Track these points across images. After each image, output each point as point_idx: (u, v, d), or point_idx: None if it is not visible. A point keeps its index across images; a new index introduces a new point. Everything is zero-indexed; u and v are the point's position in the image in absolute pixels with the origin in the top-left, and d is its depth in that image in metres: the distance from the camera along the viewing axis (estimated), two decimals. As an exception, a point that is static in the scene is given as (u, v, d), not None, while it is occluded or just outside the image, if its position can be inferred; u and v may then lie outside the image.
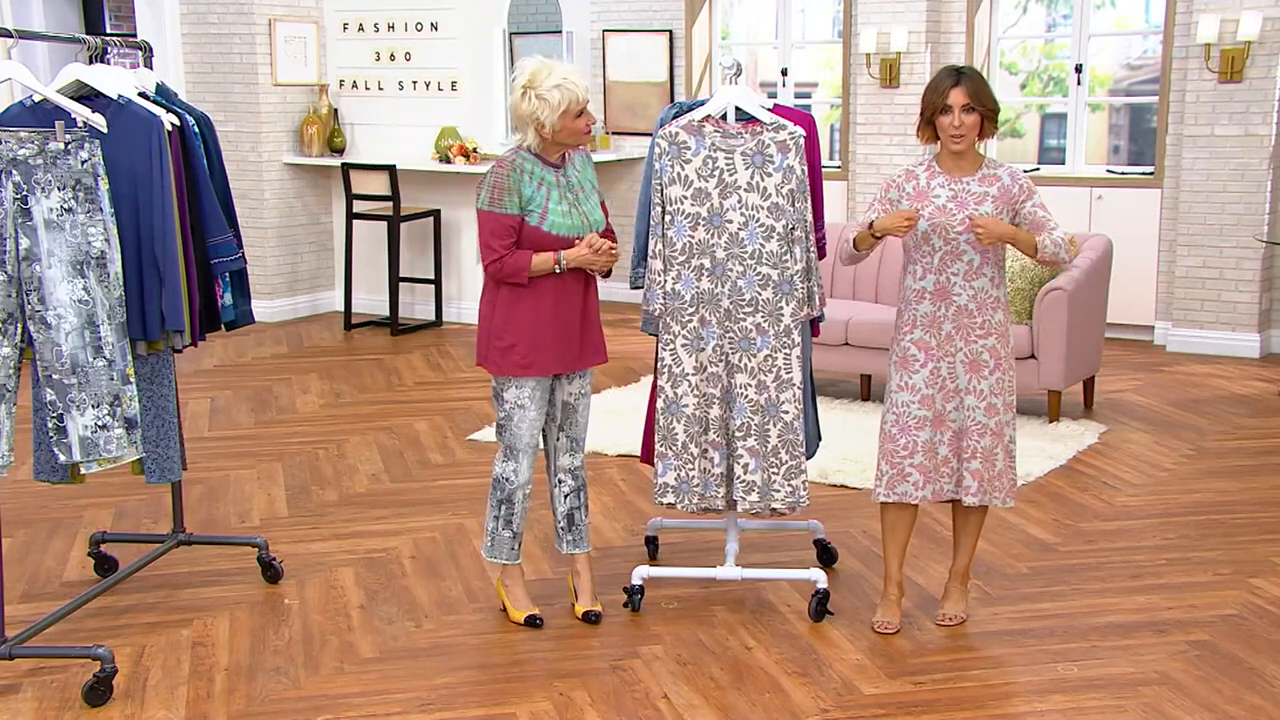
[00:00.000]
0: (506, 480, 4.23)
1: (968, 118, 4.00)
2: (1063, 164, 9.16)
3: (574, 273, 4.15)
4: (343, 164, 9.12)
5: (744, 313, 4.20)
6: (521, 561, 4.39)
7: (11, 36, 4.09)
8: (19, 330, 3.71)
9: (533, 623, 4.25)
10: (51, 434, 3.77)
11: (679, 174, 4.19)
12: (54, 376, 3.72)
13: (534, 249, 4.06)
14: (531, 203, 4.06)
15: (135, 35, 9.66)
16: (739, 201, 4.17)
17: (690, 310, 4.22)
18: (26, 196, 3.66)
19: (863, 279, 7.35)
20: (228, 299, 4.50)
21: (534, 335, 4.10)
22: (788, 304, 4.19)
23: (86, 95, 4.11)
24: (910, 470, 4.15)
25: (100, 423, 3.77)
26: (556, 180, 4.11)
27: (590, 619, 4.30)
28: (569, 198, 4.12)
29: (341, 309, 9.59)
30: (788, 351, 4.21)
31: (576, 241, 4.10)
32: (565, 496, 4.36)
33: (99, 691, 3.75)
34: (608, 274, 4.23)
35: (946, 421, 4.15)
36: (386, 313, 9.36)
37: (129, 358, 3.86)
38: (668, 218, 4.21)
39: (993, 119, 4.03)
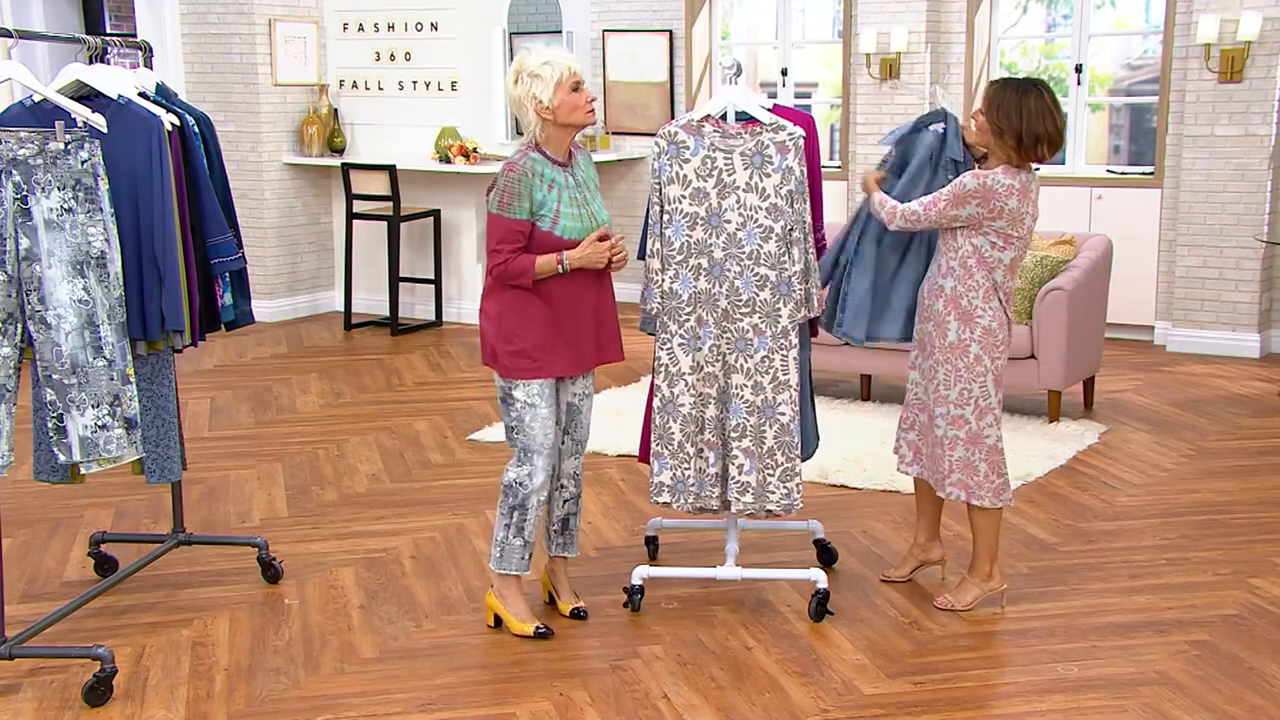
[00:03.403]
0: (520, 485, 4.11)
1: (979, 117, 4.24)
2: (1063, 164, 9.16)
3: (585, 272, 4.08)
4: (343, 164, 9.13)
5: (741, 313, 4.20)
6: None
7: (11, 36, 4.09)
8: (19, 330, 3.71)
9: (542, 634, 4.16)
10: (51, 434, 3.77)
11: (677, 173, 4.19)
12: (54, 376, 3.73)
13: (544, 253, 4.00)
14: (543, 207, 4.00)
15: (135, 35, 9.66)
16: (737, 202, 4.17)
17: (687, 310, 4.22)
18: (26, 196, 3.66)
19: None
20: (228, 299, 4.50)
21: (545, 339, 4.04)
22: (785, 305, 4.19)
23: (86, 95, 4.11)
24: (899, 437, 4.54)
25: (100, 423, 3.77)
26: (566, 181, 4.06)
27: (581, 614, 4.31)
28: (578, 199, 4.07)
29: (341, 309, 9.59)
30: (785, 353, 4.20)
31: None
32: (565, 502, 4.33)
33: (99, 691, 3.76)
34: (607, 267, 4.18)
35: (910, 388, 4.49)
36: (386, 313, 9.36)
37: (129, 358, 3.86)
38: (666, 217, 4.22)
39: (999, 133, 4.15)
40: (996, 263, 4.19)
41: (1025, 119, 4.09)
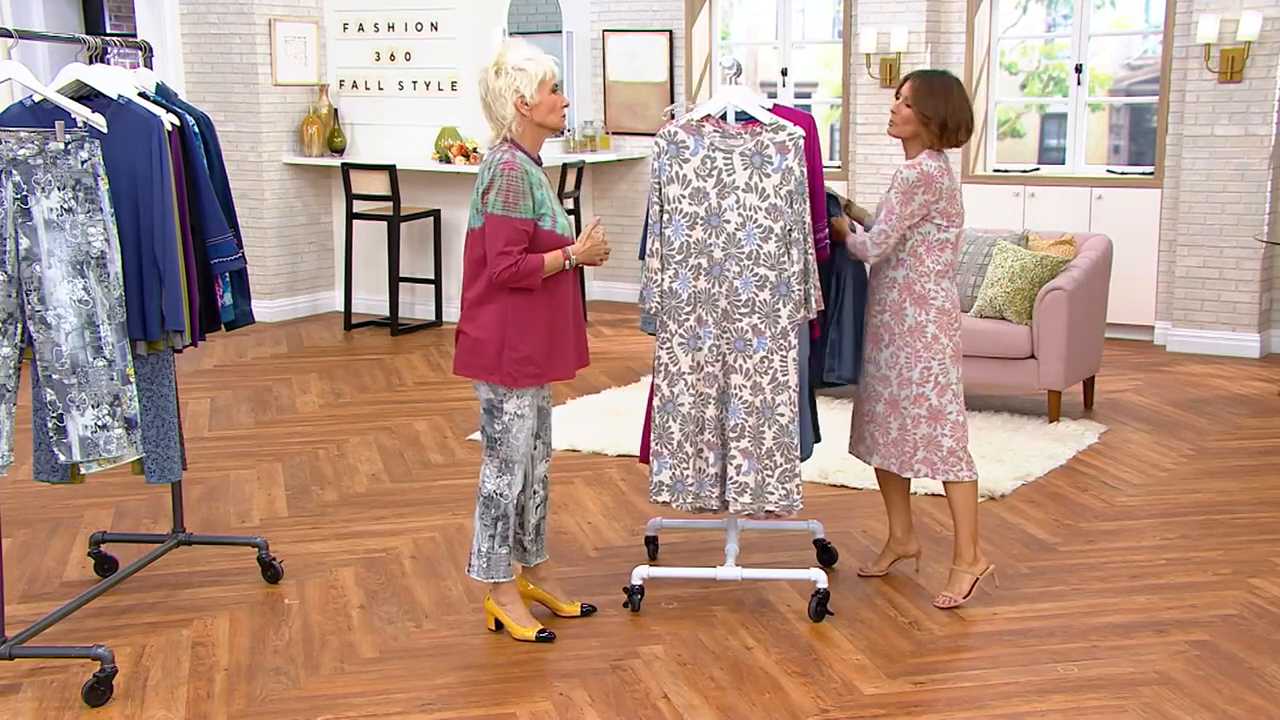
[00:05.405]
0: (502, 496, 4.09)
1: (903, 110, 4.33)
2: (1063, 164, 9.16)
3: (572, 273, 4.08)
4: (343, 164, 9.13)
5: (741, 313, 4.20)
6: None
7: (11, 36, 4.09)
8: (19, 330, 3.72)
9: (545, 638, 4.14)
10: (51, 434, 3.78)
11: (677, 173, 4.19)
12: (54, 376, 3.73)
13: (545, 252, 3.96)
14: (543, 205, 3.96)
15: (135, 35, 9.66)
16: (737, 202, 4.17)
17: (687, 309, 4.22)
18: (26, 196, 3.66)
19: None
20: (228, 299, 4.50)
21: (546, 343, 4.00)
22: (785, 306, 4.19)
23: (86, 95, 4.12)
24: (862, 430, 4.57)
25: (100, 423, 3.78)
26: (546, 180, 4.05)
27: (590, 610, 4.31)
28: (554, 198, 4.08)
29: (341, 309, 9.59)
30: (784, 354, 4.20)
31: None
32: (537, 507, 4.28)
33: (99, 691, 3.76)
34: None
35: (863, 383, 4.53)
36: (386, 313, 9.36)
37: (129, 358, 3.86)
38: (665, 216, 4.21)
39: (926, 121, 4.28)
40: (945, 243, 4.32)
41: (950, 107, 4.29)
